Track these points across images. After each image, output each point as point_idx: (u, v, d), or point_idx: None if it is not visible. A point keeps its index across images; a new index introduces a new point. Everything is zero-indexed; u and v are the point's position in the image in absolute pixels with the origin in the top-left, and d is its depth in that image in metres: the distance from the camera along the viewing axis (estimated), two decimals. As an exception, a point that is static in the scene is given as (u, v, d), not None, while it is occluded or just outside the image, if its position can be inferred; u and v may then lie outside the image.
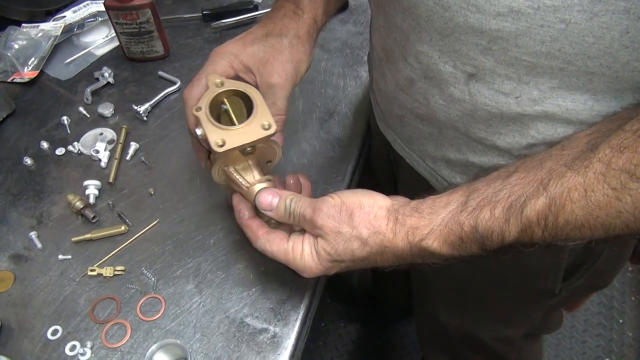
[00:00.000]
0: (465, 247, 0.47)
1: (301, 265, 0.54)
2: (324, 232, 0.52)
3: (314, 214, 0.53)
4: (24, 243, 0.71)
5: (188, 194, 0.75)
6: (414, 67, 0.55)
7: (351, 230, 0.51)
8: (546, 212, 0.42)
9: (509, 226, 0.44)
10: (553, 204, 0.42)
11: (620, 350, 1.59)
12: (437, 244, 0.48)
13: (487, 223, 0.45)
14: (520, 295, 0.75)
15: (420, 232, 0.49)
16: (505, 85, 0.48)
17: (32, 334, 0.62)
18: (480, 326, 0.87)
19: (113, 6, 0.88)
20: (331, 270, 0.54)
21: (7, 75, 0.94)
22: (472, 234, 0.46)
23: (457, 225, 0.47)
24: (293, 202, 0.55)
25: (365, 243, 0.51)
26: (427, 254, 0.49)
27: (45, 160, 0.81)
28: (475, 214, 0.46)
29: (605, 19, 0.40)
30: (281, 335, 0.61)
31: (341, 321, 1.64)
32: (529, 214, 0.43)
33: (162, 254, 0.69)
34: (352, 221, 0.51)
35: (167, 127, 0.85)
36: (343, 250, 0.52)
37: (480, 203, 0.46)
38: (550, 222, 0.42)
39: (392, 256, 0.51)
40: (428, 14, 0.48)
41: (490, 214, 0.45)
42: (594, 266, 0.68)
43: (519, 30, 0.43)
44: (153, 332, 0.62)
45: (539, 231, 0.43)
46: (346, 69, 0.93)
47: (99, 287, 0.66)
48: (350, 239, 0.51)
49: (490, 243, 0.46)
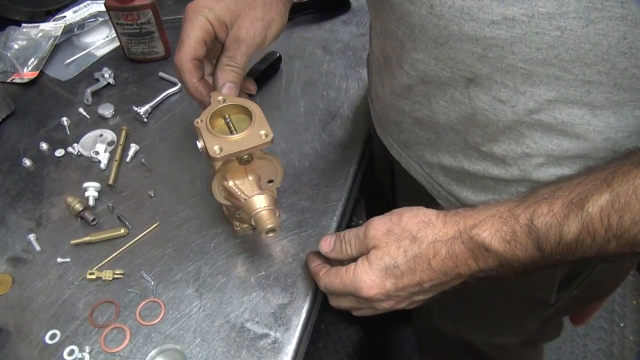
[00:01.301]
0: (518, 243, 0.45)
1: (355, 280, 0.52)
2: (377, 239, 0.52)
3: (367, 227, 0.53)
4: (23, 245, 0.70)
5: (188, 196, 0.74)
6: (410, 74, 0.54)
7: (401, 231, 0.51)
8: (609, 209, 0.40)
9: (568, 222, 0.42)
10: (617, 201, 0.40)
11: (621, 353, 1.58)
12: (489, 233, 0.46)
13: (545, 218, 0.43)
14: (515, 305, 0.74)
15: (472, 219, 0.47)
16: (502, 93, 0.48)
17: (30, 338, 0.61)
18: (475, 333, 0.87)
19: (114, 6, 0.88)
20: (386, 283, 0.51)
21: (7, 76, 0.94)
22: (527, 228, 0.44)
23: (511, 217, 0.45)
24: (347, 232, 0.56)
25: (415, 238, 0.50)
26: (476, 245, 0.47)
27: (44, 162, 0.80)
28: (532, 209, 0.44)
29: (602, 26, 0.39)
30: (282, 341, 0.60)
31: (341, 323, 1.64)
32: (590, 210, 0.41)
33: (162, 257, 0.68)
34: (401, 221, 0.51)
35: (167, 128, 0.84)
36: (395, 251, 0.51)
37: (538, 199, 0.45)
38: (614, 221, 0.40)
39: (444, 251, 0.49)
40: (422, 23, 0.48)
41: (548, 208, 0.43)
42: (590, 277, 0.68)
43: (514, 37, 0.43)
44: (152, 337, 0.61)
45: (601, 230, 0.41)
46: (348, 71, 0.93)
47: (98, 290, 0.65)
48: (401, 238, 0.51)
49: (547, 241, 0.43)
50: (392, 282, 0.51)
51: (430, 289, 0.52)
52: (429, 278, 0.50)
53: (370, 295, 0.52)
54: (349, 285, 0.53)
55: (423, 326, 1.03)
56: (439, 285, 0.52)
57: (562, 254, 0.44)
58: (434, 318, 0.88)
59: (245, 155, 0.56)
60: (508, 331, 0.83)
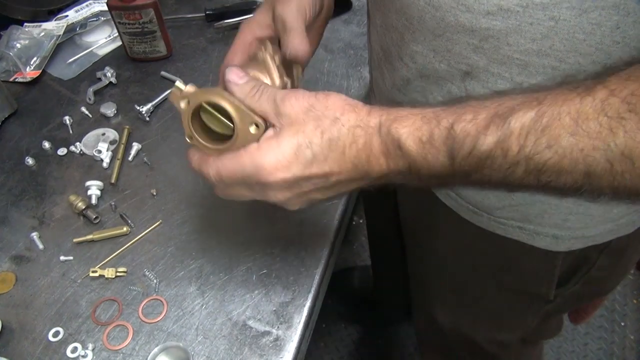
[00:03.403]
0: (433, 147, 0.41)
1: (257, 158, 0.44)
2: (292, 117, 0.44)
3: (286, 95, 0.45)
4: (26, 244, 0.71)
5: (190, 195, 0.75)
6: (409, 66, 0.55)
7: (324, 109, 0.44)
8: (530, 127, 0.38)
9: (486, 132, 0.39)
10: (540, 120, 0.37)
11: (621, 353, 1.58)
12: (407, 130, 0.42)
13: (466, 125, 0.40)
14: (514, 300, 0.75)
15: (393, 114, 0.43)
16: (498, 84, 0.48)
17: (33, 335, 0.62)
18: (475, 329, 0.87)
19: (116, 6, 0.88)
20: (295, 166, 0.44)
21: (10, 75, 0.94)
22: (446, 131, 0.41)
23: (434, 118, 0.42)
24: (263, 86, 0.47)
25: (338, 119, 0.44)
26: (391, 141, 0.43)
27: (47, 161, 0.81)
28: (457, 114, 0.41)
29: (595, 15, 0.40)
30: (284, 338, 0.61)
31: (342, 322, 1.64)
32: (512, 124, 0.38)
33: (164, 255, 0.69)
34: (327, 100, 0.45)
35: (169, 127, 0.85)
36: (312, 131, 0.44)
37: (465, 106, 0.42)
38: (530, 141, 0.37)
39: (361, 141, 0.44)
40: (420, 14, 0.49)
41: (472, 116, 0.40)
42: (589, 273, 0.68)
43: (509, 28, 0.43)
44: (155, 335, 0.61)
45: (515, 147, 0.38)
46: (350, 70, 0.93)
47: (100, 288, 0.66)
48: (321, 117, 0.44)
49: (460, 148, 0.40)
50: (299, 167, 0.44)
51: (333, 186, 0.46)
52: (339, 170, 0.45)
53: (270, 180, 0.44)
54: (247, 166, 0.45)
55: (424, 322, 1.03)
56: (344, 183, 0.46)
57: (471, 166, 0.41)
58: (435, 313, 0.88)
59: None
60: (508, 326, 0.83)
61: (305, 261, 0.67)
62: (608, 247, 0.63)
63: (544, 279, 0.68)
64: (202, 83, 0.91)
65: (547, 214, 0.57)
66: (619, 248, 0.65)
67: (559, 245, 0.61)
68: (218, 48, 0.99)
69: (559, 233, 0.59)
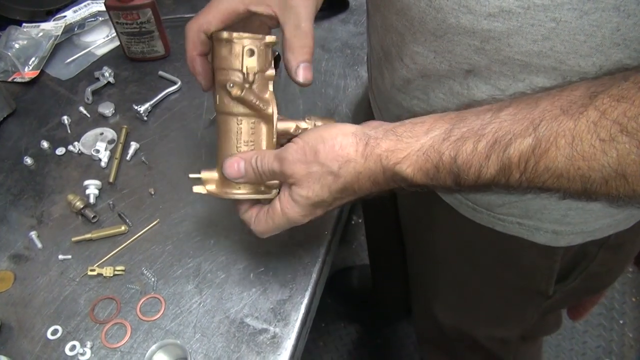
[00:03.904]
0: (439, 177, 0.45)
1: (286, 220, 0.53)
2: (296, 178, 0.50)
3: (282, 164, 0.51)
4: (24, 243, 0.71)
5: (188, 194, 0.75)
6: (410, 67, 0.55)
7: (321, 168, 0.49)
8: (529, 155, 0.40)
9: (488, 163, 0.42)
10: (538, 147, 0.40)
11: (620, 351, 1.59)
12: (412, 170, 0.46)
13: (468, 157, 0.43)
14: (513, 296, 0.75)
15: (395, 156, 0.46)
16: (501, 81, 0.48)
17: (32, 333, 0.62)
18: (475, 325, 0.87)
19: (114, 6, 0.89)
20: (317, 212, 0.53)
21: (8, 75, 0.94)
22: (449, 165, 0.44)
23: (436, 153, 0.45)
24: (258, 160, 0.53)
25: (338, 175, 0.49)
26: (399, 178, 0.47)
27: (45, 160, 0.81)
28: (457, 145, 0.44)
29: (596, 17, 0.40)
30: (281, 336, 0.61)
31: (341, 322, 1.64)
32: (511, 153, 0.41)
33: (162, 254, 0.69)
34: (318, 158, 0.49)
35: (167, 127, 0.85)
36: (320, 190, 0.50)
37: (465, 134, 0.44)
38: (530, 166, 0.40)
39: (367, 181, 0.49)
40: (421, 16, 0.49)
41: (472, 147, 0.43)
42: (589, 268, 0.68)
43: (510, 29, 0.43)
44: (153, 332, 0.62)
45: (516, 173, 0.41)
46: (347, 69, 0.93)
47: (99, 287, 0.66)
48: (322, 176, 0.49)
49: (466, 178, 0.44)
50: (322, 209, 0.53)
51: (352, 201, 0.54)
52: (354, 199, 0.52)
53: (302, 223, 0.54)
54: (284, 224, 0.54)
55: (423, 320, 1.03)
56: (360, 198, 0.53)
57: (476, 189, 0.45)
58: (435, 311, 0.89)
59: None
60: (507, 323, 0.84)
61: (303, 259, 0.67)
62: (607, 242, 0.64)
63: (544, 274, 0.68)
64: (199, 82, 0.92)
65: (546, 209, 0.57)
66: (618, 243, 0.65)
67: (559, 241, 0.61)
68: (216, 48, 0.99)
69: (558, 228, 0.59)
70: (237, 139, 0.55)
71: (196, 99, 0.89)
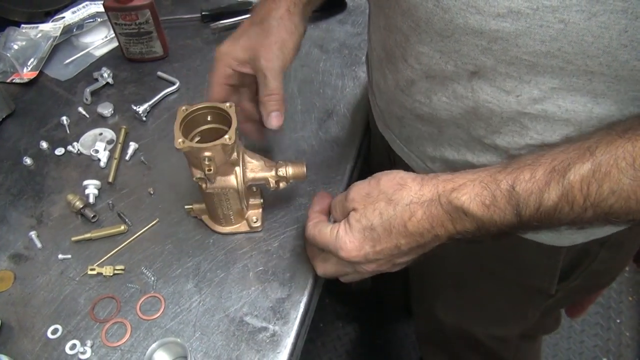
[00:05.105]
0: (497, 208, 0.46)
1: (336, 241, 0.54)
2: (356, 201, 0.53)
3: (349, 191, 0.55)
4: (24, 242, 0.71)
5: (187, 193, 0.75)
6: (414, 68, 0.55)
7: (378, 193, 0.52)
8: (590, 178, 0.41)
9: (549, 189, 0.43)
10: (598, 170, 0.41)
11: (617, 350, 1.59)
12: (468, 197, 0.47)
13: (527, 184, 0.44)
14: (515, 294, 0.75)
15: (450, 184, 0.48)
16: (506, 83, 0.48)
17: (32, 333, 0.62)
18: (476, 324, 0.87)
19: (112, 7, 0.89)
20: (365, 247, 0.53)
21: (7, 76, 0.94)
22: (508, 193, 0.45)
23: (493, 182, 0.46)
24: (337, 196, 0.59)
25: (391, 199, 0.51)
26: (454, 209, 0.48)
27: (44, 160, 0.81)
28: (514, 174, 0.45)
29: (604, 19, 0.40)
30: (281, 334, 0.61)
31: (340, 321, 1.65)
32: (571, 178, 0.42)
33: (161, 253, 0.69)
34: (379, 184, 0.53)
35: (166, 127, 0.85)
36: (371, 213, 0.52)
37: (520, 165, 0.45)
38: (593, 190, 0.41)
39: (422, 215, 0.49)
40: (428, 16, 0.49)
41: (530, 175, 0.44)
42: (591, 267, 0.69)
43: (518, 30, 0.44)
44: (153, 331, 0.62)
45: (580, 199, 0.42)
46: (344, 70, 0.94)
47: (98, 286, 0.66)
48: (377, 200, 0.52)
49: (526, 207, 0.44)
50: (370, 245, 0.53)
51: (409, 252, 0.53)
52: (406, 241, 0.51)
53: (350, 257, 0.54)
54: (330, 245, 0.55)
55: (423, 318, 1.04)
56: (417, 248, 0.53)
57: (540, 220, 0.45)
58: (436, 310, 0.89)
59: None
60: (509, 322, 0.84)
61: (302, 258, 0.68)
62: (609, 241, 0.64)
63: (547, 273, 0.69)
64: (198, 83, 0.92)
65: None
66: (619, 241, 0.66)
67: (563, 240, 0.61)
68: (214, 49, 0.98)
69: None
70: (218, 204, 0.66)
71: (195, 100, 0.89)
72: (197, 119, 0.63)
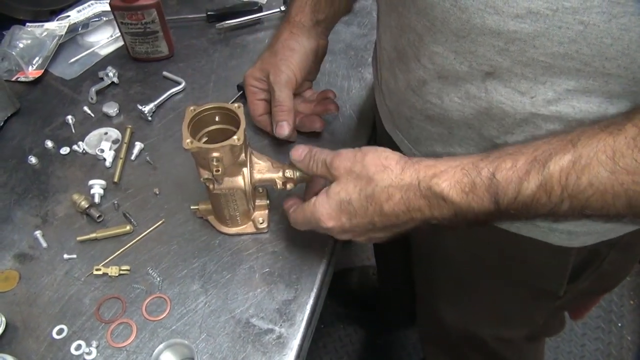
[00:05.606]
0: (476, 195, 0.46)
1: (315, 212, 0.56)
2: (339, 172, 0.54)
3: (333, 158, 0.56)
4: (29, 242, 0.71)
5: (193, 193, 0.75)
6: (427, 67, 0.55)
7: (361, 169, 0.53)
8: (570, 169, 0.41)
9: (528, 178, 0.43)
10: (578, 161, 0.41)
11: (619, 353, 1.59)
12: (447, 184, 0.47)
13: (507, 173, 0.44)
14: (524, 296, 0.75)
15: (432, 170, 0.49)
16: (521, 84, 0.48)
17: (37, 333, 0.62)
18: (481, 326, 0.87)
19: (118, 6, 0.89)
20: (342, 219, 0.54)
21: (12, 74, 0.94)
22: (488, 180, 0.45)
23: (474, 169, 0.46)
24: (317, 152, 0.59)
25: (371, 179, 0.52)
26: (433, 195, 0.48)
27: (49, 160, 0.81)
28: (496, 163, 0.45)
29: (624, 21, 0.40)
30: (287, 336, 0.61)
31: (341, 323, 1.65)
32: (551, 168, 0.42)
33: (167, 253, 0.69)
34: (364, 160, 0.53)
35: (171, 127, 0.85)
36: (352, 189, 0.53)
37: (502, 154, 0.46)
38: (572, 181, 0.41)
39: (398, 196, 0.50)
40: (444, 16, 0.48)
41: (512, 164, 0.44)
42: (600, 268, 0.68)
43: (536, 31, 0.43)
44: (159, 332, 0.62)
45: (558, 189, 0.42)
46: (350, 71, 0.94)
47: (104, 286, 0.66)
48: (359, 177, 0.53)
49: (504, 195, 0.44)
50: (346, 217, 0.54)
51: (384, 229, 0.54)
52: (380, 220, 0.53)
53: (328, 227, 0.56)
54: (310, 218, 0.57)
55: (428, 319, 1.03)
56: (392, 227, 0.54)
57: (517, 209, 0.45)
58: (441, 311, 0.89)
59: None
60: (515, 324, 0.84)
61: (308, 259, 0.68)
62: (619, 242, 0.64)
63: (556, 275, 0.68)
64: (203, 83, 0.92)
65: None
66: (629, 243, 0.66)
67: (573, 241, 0.61)
68: (219, 49, 0.99)
69: (573, 229, 0.59)
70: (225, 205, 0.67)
71: (200, 100, 0.89)
72: (205, 119, 0.63)
